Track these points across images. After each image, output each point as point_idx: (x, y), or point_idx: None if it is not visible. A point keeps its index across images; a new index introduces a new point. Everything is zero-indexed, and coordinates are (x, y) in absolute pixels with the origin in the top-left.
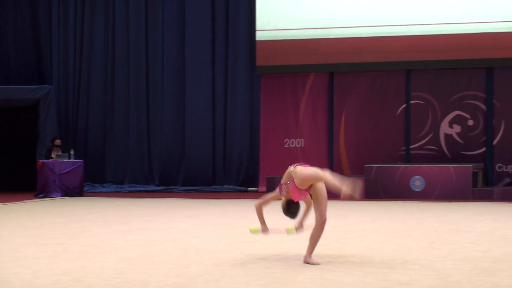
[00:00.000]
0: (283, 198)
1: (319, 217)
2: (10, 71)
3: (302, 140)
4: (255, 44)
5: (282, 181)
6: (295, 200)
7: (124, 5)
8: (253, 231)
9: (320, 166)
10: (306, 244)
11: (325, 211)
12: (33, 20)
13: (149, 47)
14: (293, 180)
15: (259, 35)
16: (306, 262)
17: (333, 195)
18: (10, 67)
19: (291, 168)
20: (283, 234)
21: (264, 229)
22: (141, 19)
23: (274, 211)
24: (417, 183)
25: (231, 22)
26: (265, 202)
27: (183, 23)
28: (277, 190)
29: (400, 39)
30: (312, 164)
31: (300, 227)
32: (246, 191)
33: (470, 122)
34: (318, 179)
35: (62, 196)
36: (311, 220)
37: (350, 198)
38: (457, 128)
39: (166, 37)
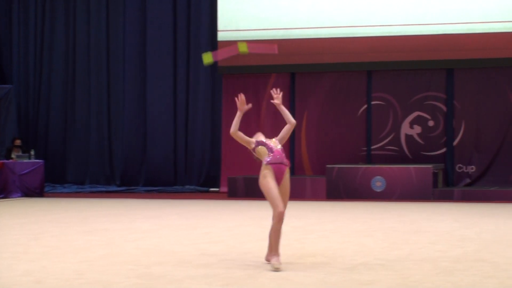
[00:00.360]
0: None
1: (274, 210)
2: None
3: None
4: (217, 44)
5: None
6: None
7: (85, 5)
8: (206, 60)
9: None
10: (266, 243)
11: (280, 203)
12: None
13: (110, 47)
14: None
15: (221, 36)
16: (267, 260)
17: (297, 196)
18: None
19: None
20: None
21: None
22: (102, 19)
23: None
24: (378, 183)
25: (193, 22)
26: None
27: (144, 23)
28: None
29: (362, 40)
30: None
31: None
32: (208, 191)
33: (431, 123)
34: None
35: (22, 196)
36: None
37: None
38: (417, 129)
39: (127, 37)
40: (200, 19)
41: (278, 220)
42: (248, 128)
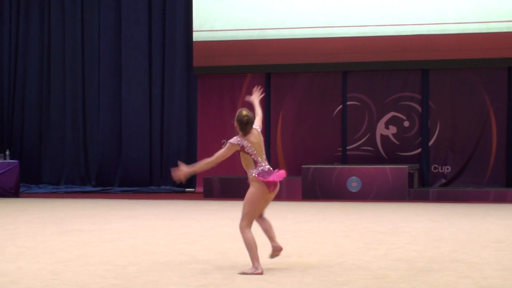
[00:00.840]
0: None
1: (248, 222)
2: None
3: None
4: (192, 45)
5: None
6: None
7: (59, 4)
8: None
9: None
10: (242, 244)
11: (243, 216)
12: None
13: (85, 47)
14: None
15: (196, 36)
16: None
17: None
18: None
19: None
20: None
21: None
22: (77, 19)
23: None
24: (354, 183)
25: (168, 23)
26: None
27: (119, 22)
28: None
29: (337, 41)
30: None
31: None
32: (184, 192)
33: (406, 123)
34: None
35: None
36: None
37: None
38: (393, 129)
39: (102, 36)
40: (175, 19)
41: (251, 232)
42: (224, 128)
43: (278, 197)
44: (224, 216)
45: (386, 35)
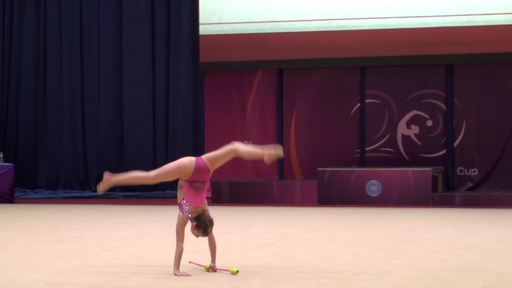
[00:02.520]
0: (191, 215)
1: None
2: None
3: (250, 141)
4: (198, 39)
5: (179, 200)
6: (195, 205)
7: None
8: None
9: (269, 169)
10: (253, 253)
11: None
12: None
13: (83, 43)
14: (194, 175)
15: (203, 29)
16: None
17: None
18: None
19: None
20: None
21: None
22: (75, 12)
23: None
24: (373, 188)
25: (173, 15)
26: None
27: (120, 15)
28: (180, 214)
29: (354, 34)
30: (261, 168)
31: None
32: None
33: (429, 123)
34: (233, 152)
35: None
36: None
37: (275, 158)
38: (415, 129)
39: (102, 31)
40: (180, 11)
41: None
42: (234, 129)
43: (292, 202)
44: (232, 223)
45: (407, 28)
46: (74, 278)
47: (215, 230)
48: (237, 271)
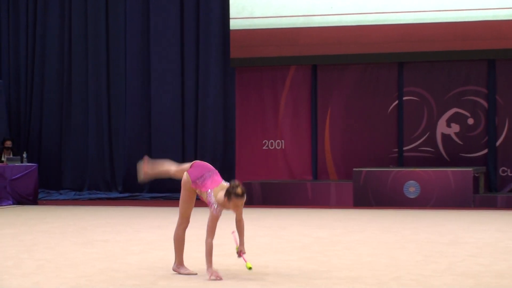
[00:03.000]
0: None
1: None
2: None
3: (282, 141)
4: (229, 34)
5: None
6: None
7: None
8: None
9: (303, 170)
10: (284, 257)
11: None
12: None
13: (109, 39)
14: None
15: (233, 24)
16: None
17: (320, 203)
18: None
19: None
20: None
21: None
22: (101, 7)
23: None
24: (411, 189)
25: (202, 9)
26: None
27: (148, 11)
28: (210, 210)
29: (391, 28)
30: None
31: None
32: None
33: (470, 121)
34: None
35: (13, 204)
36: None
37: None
38: (455, 128)
39: (128, 27)
40: (210, 5)
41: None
42: (266, 127)
43: (327, 204)
44: (264, 226)
45: (446, 22)
46: (99, 283)
47: (248, 232)
48: (251, 268)
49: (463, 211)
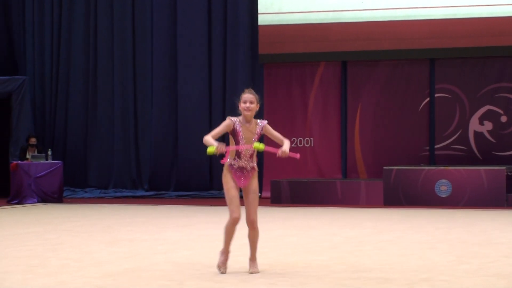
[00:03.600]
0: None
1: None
2: None
3: (312, 139)
4: (257, 29)
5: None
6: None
7: None
8: (210, 152)
9: (332, 168)
10: (313, 257)
11: (237, 208)
12: (3, 5)
13: (136, 34)
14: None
15: (262, 19)
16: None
17: (350, 202)
18: None
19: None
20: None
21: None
22: (127, 3)
23: None
24: (443, 188)
25: (230, 4)
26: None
27: (175, 5)
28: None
29: (423, 24)
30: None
31: None
32: None
33: (504, 119)
34: None
35: (38, 202)
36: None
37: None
38: (488, 125)
39: (155, 22)
40: (237, 0)
41: (232, 223)
42: (294, 125)
43: (357, 203)
44: (293, 225)
45: (479, 17)
46: (125, 282)
47: (276, 232)
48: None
49: (496, 211)
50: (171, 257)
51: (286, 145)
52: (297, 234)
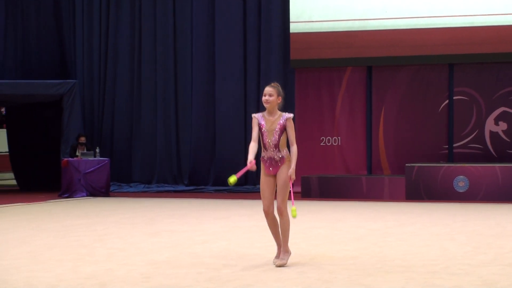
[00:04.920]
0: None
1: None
2: (32, 65)
3: (339, 138)
4: (289, 36)
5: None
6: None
7: None
8: (232, 182)
9: (358, 165)
10: (339, 246)
11: (265, 200)
12: (56, 11)
13: (177, 40)
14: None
15: (293, 27)
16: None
17: (374, 196)
18: (32, 61)
19: None
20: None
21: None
22: (169, 10)
23: None
24: (461, 183)
25: (264, 13)
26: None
27: (213, 14)
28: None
29: (442, 31)
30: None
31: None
32: None
33: None
34: None
35: (87, 196)
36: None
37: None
38: (503, 126)
39: (195, 29)
40: (271, 9)
41: (265, 216)
42: (323, 125)
43: (380, 197)
44: (321, 218)
45: (495, 25)
46: (167, 270)
47: (306, 224)
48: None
49: (510, 205)
50: (209, 247)
51: (293, 163)
52: (325, 226)
